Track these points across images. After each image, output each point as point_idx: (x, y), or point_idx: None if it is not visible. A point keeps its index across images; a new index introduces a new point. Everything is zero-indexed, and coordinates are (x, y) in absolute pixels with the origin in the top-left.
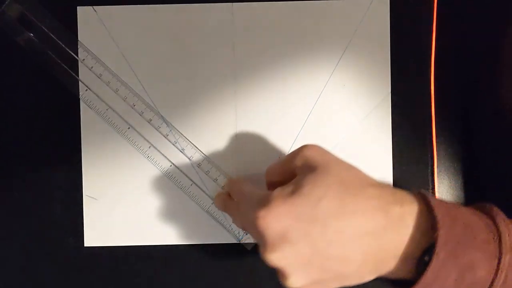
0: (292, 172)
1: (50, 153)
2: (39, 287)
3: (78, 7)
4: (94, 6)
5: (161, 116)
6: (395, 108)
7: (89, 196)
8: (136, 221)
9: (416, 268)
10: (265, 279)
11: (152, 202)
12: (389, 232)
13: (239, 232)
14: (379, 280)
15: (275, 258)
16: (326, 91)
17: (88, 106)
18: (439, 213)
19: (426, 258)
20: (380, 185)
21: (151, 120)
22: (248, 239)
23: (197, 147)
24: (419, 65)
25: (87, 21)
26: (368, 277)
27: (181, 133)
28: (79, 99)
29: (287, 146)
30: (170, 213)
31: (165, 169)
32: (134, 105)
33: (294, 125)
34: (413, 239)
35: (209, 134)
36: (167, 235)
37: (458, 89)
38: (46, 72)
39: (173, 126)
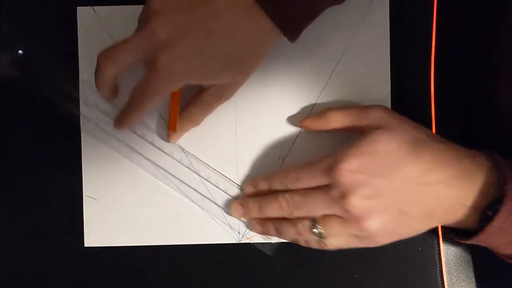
0: (357, 125)
1: (50, 153)
2: (39, 287)
3: (78, 7)
4: (94, 6)
5: (161, 116)
6: (395, 108)
7: (89, 196)
8: (136, 221)
9: (480, 223)
10: (266, 279)
11: (152, 202)
12: (460, 181)
13: (239, 232)
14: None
15: (357, 201)
16: (326, 91)
17: (88, 106)
18: (508, 169)
19: (490, 212)
20: (450, 142)
21: (151, 120)
22: (247, 239)
23: (197, 147)
24: (419, 65)
25: (87, 21)
26: (435, 223)
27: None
28: (79, 99)
29: (287, 147)
30: (170, 213)
31: (165, 169)
32: None
33: (295, 125)
34: (481, 191)
35: (209, 135)
36: (167, 235)
37: (458, 89)
38: (46, 73)
39: None
